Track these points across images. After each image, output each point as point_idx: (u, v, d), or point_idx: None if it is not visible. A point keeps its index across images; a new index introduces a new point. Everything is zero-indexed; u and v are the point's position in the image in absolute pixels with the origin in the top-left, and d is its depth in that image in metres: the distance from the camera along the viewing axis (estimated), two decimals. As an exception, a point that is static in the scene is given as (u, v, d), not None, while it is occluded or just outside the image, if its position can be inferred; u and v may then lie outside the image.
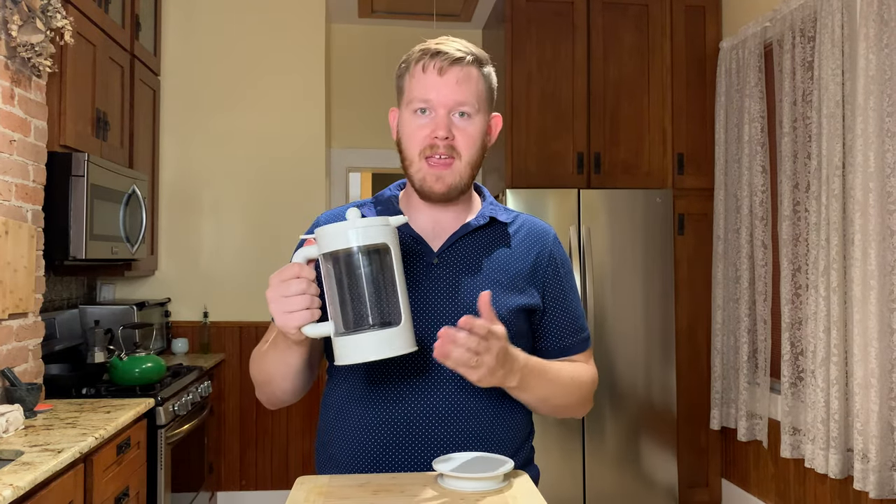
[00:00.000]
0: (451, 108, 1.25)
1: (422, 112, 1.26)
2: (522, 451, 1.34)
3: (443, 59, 1.25)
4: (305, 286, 1.09)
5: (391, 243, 1.10)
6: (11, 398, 2.26)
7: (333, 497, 1.11)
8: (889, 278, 2.60)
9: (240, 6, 4.14)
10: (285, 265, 1.11)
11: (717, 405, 3.76)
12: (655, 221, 3.78)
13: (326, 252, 1.09)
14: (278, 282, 1.10)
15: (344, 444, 1.29)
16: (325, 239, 1.08)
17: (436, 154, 1.25)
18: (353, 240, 1.07)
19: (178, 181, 4.04)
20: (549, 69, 3.87)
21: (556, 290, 1.37)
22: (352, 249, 1.08)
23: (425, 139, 1.26)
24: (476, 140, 1.28)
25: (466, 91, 1.25)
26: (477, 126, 1.28)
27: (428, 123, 1.26)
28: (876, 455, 2.58)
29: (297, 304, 1.09)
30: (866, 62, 2.64)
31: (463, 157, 1.27)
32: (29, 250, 2.40)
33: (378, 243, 1.08)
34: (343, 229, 1.07)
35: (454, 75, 1.25)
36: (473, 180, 1.34)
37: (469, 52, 1.28)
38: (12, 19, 2.25)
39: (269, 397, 1.33)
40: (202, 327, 3.94)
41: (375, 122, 4.62)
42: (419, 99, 1.26)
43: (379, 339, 1.08)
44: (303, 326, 1.10)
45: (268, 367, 1.26)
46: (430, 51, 1.26)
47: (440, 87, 1.24)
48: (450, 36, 1.32)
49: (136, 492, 2.54)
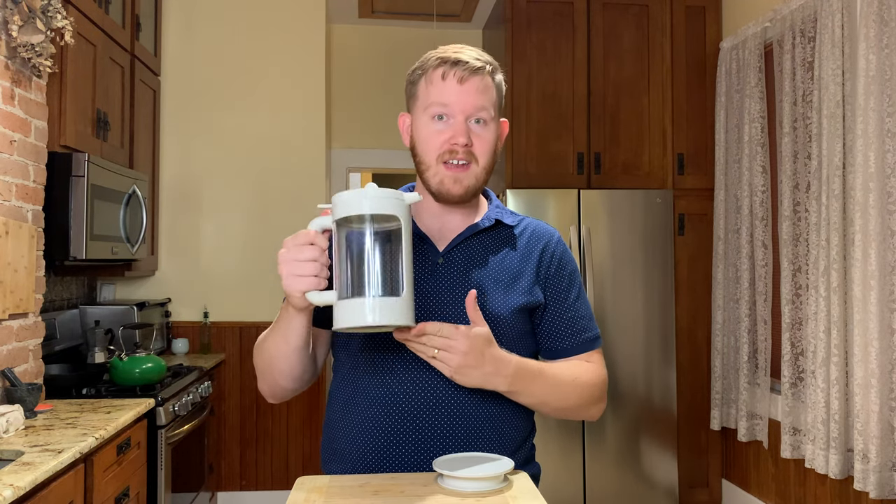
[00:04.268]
0: (469, 115, 1.29)
1: (439, 118, 1.30)
2: (523, 449, 1.35)
3: (463, 68, 1.28)
4: (317, 253, 1.12)
5: (402, 217, 1.12)
6: (12, 398, 2.26)
7: (333, 497, 1.11)
8: (889, 278, 2.60)
9: (240, 7, 4.14)
10: (301, 230, 1.14)
11: (717, 405, 3.76)
12: (655, 222, 3.78)
13: (340, 217, 1.11)
14: (292, 244, 1.13)
15: (349, 438, 1.30)
16: (339, 206, 1.11)
17: (454, 159, 1.29)
18: (367, 207, 1.09)
19: (179, 181, 4.05)
20: (550, 69, 3.87)
21: (558, 291, 1.37)
22: (364, 216, 1.10)
23: (444, 144, 1.29)
24: (492, 145, 1.32)
25: (485, 99, 1.30)
26: (492, 132, 1.32)
27: (446, 129, 1.29)
28: (876, 455, 2.58)
29: (307, 270, 1.12)
30: (866, 62, 2.64)
31: (480, 162, 1.31)
32: (29, 250, 2.40)
33: (389, 214, 1.10)
34: (358, 196, 1.10)
35: (474, 85, 1.29)
36: (486, 184, 1.37)
37: (487, 62, 1.32)
38: (13, 19, 2.25)
39: (271, 386, 1.33)
40: (202, 327, 3.95)
41: (375, 123, 4.62)
42: (438, 104, 1.29)
43: (379, 305, 1.09)
44: (308, 292, 1.12)
45: (269, 347, 1.28)
46: (450, 59, 1.29)
47: (460, 95, 1.28)
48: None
49: (136, 492, 2.54)
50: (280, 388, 1.33)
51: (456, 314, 1.28)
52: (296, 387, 1.33)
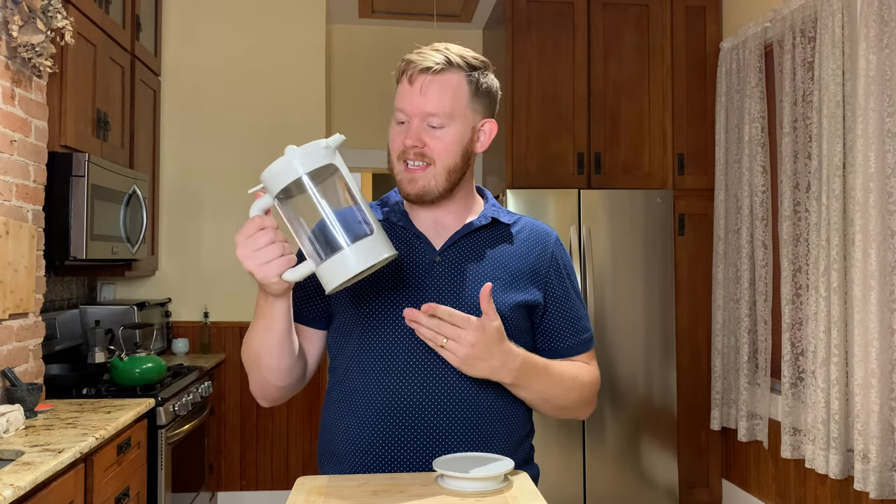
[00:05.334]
0: (421, 117, 1.27)
1: (400, 121, 1.30)
2: (522, 449, 1.35)
3: (419, 69, 1.27)
4: (273, 235, 1.11)
5: (336, 162, 1.11)
6: (12, 398, 2.26)
7: (333, 497, 1.11)
8: (889, 279, 2.60)
9: (240, 7, 4.14)
10: (245, 223, 1.12)
11: (717, 405, 3.76)
12: (656, 222, 3.78)
13: (278, 191, 1.09)
14: (244, 239, 1.12)
15: (346, 440, 1.30)
16: (272, 180, 1.09)
17: (409, 160, 1.29)
18: (299, 169, 1.08)
19: (179, 181, 4.05)
20: (550, 69, 3.87)
21: (557, 291, 1.38)
22: (301, 179, 1.08)
23: (400, 145, 1.29)
24: (451, 146, 1.28)
25: (442, 100, 1.26)
26: (452, 133, 1.28)
27: (402, 131, 1.29)
28: (876, 455, 2.58)
29: (271, 254, 1.11)
30: (867, 62, 2.64)
31: (438, 163, 1.29)
32: (29, 250, 2.40)
33: (323, 165, 1.09)
34: (285, 163, 1.08)
35: (429, 86, 1.27)
36: (455, 184, 1.32)
37: (444, 60, 1.27)
38: (13, 20, 2.25)
39: (262, 385, 1.31)
40: (202, 327, 3.95)
41: (375, 123, 4.62)
42: (398, 108, 1.30)
43: (357, 252, 1.08)
44: (283, 273, 1.11)
45: (253, 342, 1.26)
46: (411, 61, 1.29)
47: (411, 97, 1.27)
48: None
49: (136, 492, 2.54)
50: (271, 387, 1.31)
51: None
52: (285, 385, 1.30)
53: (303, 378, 1.35)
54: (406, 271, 1.30)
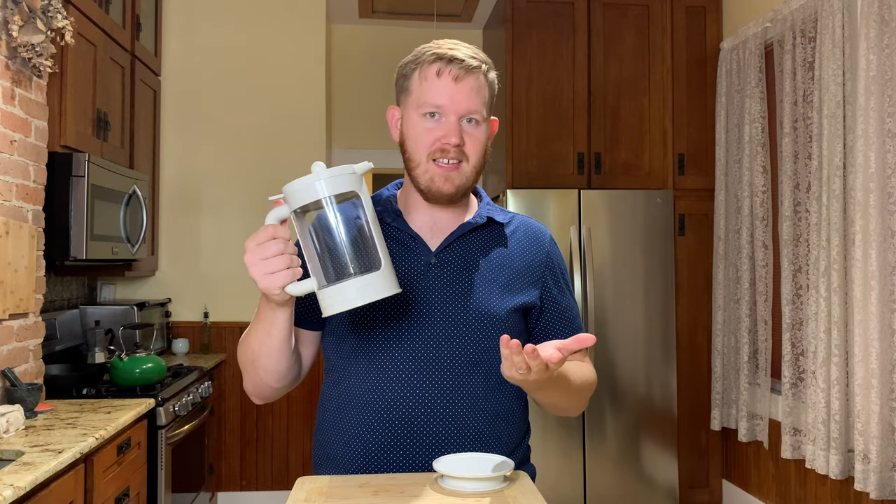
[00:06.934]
0: (462, 114, 1.26)
1: (431, 116, 1.27)
2: (519, 450, 1.35)
3: (459, 66, 1.25)
4: (283, 246, 1.09)
5: (360, 191, 1.10)
6: (12, 398, 2.26)
7: (334, 497, 1.11)
8: (890, 279, 2.60)
9: (240, 7, 4.14)
10: (259, 228, 1.11)
11: (717, 406, 3.76)
12: (656, 222, 3.78)
13: (297, 208, 1.08)
14: (255, 245, 1.10)
15: (341, 442, 1.29)
16: (293, 195, 1.08)
17: (446, 158, 1.26)
18: (322, 191, 1.07)
19: (179, 181, 4.05)
20: (550, 70, 3.87)
21: (552, 291, 1.37)
22: (321, 200, 1.08)
23: (435, 143, 1.26)
24: (483, 144, 1.30)
25: (478, 99, 1.27)
26: (484, 131, 1.30)
27: (438, 128, 1.26)
28: (877, 456, 2.58)
29: (278, 265, 1.09)
30: (867, 63, 2.64)
31: (471, 161, 1.29)
32: (29, 250, 2.40)
33: (347, 192, 1.08)
34: (310, 182, 1.07)
35: (469, 84, 1.26)
36: (477, 182, 1.35)
37: (482, 61, 1.29)
38: (13, 20, 2.25)
39: (256, 385, 1.30)
40: (203, 327, 3.95)
41: (375, 122, 4.62)
42: (431, 104, 1.26)
43: (362, 285, 1.08)
44: (286, 286, 1.10)
45: (251, 344, 1.25)
46: (446, 56, 1.26)
47: (454, 95, 1.25)
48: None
49: (136, 492, 2.54)
50: (265, 387, 1.30)
51: (449, 314, 1.27)
52: (280, 386, 1.30)
53: (297, 378, 1.34)
54: (401, 273, 1.28)
